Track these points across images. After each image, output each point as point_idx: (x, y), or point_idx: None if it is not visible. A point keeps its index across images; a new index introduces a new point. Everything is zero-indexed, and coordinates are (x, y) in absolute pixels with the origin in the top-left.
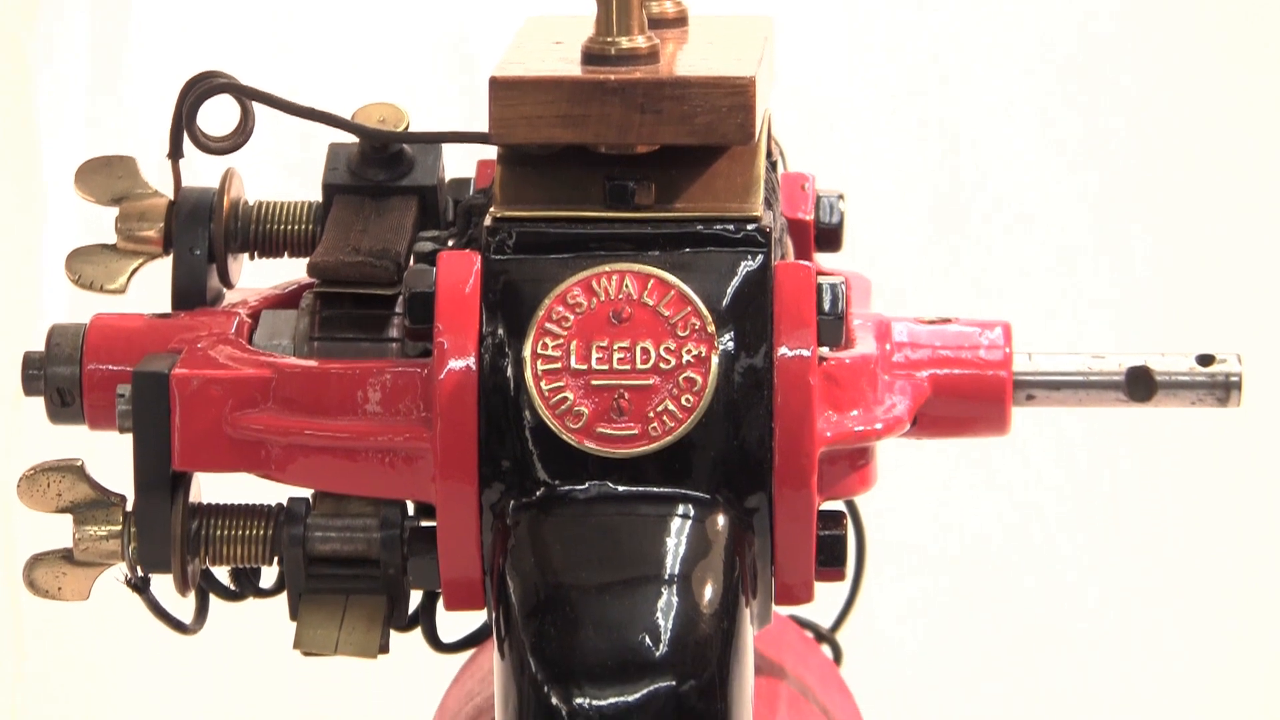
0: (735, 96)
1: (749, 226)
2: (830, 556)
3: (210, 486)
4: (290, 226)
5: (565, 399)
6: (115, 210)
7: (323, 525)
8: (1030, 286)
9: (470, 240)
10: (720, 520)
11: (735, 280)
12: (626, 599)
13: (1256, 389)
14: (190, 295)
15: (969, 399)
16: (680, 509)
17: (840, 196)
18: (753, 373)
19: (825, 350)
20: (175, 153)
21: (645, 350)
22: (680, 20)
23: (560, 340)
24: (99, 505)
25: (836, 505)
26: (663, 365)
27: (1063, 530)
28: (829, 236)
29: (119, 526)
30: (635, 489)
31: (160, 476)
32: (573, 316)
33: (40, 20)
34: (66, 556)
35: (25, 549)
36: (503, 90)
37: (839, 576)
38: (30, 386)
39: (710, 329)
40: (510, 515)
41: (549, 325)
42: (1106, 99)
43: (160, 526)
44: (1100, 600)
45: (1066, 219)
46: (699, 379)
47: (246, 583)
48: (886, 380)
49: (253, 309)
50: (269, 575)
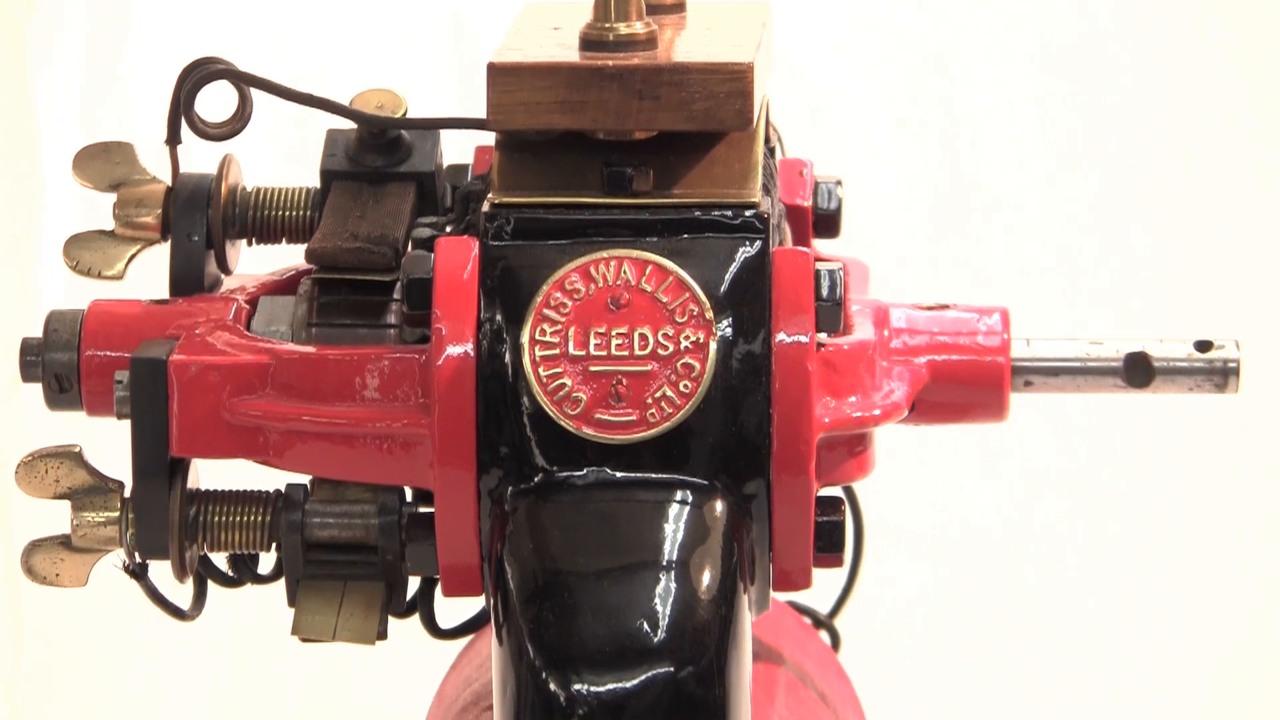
0: (733, 82)
1: (747, 212)
2: (828, 542)
3: (208, 473)
4: (288, 212)
5: (563, 385)
6: (113, 196)
7: (321, 511)
8: (1029, 273)
9: (468, 226)
10: (718, 506)
11: (733, 266)
12: (625, 585)
13: (1254, 375)
14: (188, 281)
15: (967, 385)
16: (678, 495)
17: (838, 182)
18: (751, 359)
19: (823, 336)
20: (173, 139)
21: (643, 336)
22: (678, 6)
23: (558, 326)
24: (97, 491)
25: (834, 491)
26: (661, 351)
27: (1061, 516)
28: (827, 222)
29: (117, 513)
30: (633, 475)
31: (158, 462)
32: (571, 303)
33: (39, 6)
34: (64, 543)
35: (23, 535)
36: (501, 76)
37: (837, 562)
38: (28, 373)
39: (708, 315)
40: (508, 501)
41: (547, 311)
42: (1106, 86)
43: (158, 512)
44: (1098, 586)
45: (1065, 206)
46: (697, 365)
47: (244, 569)
48: (885, 366)
49: (250, 295)
50: (267, 561)
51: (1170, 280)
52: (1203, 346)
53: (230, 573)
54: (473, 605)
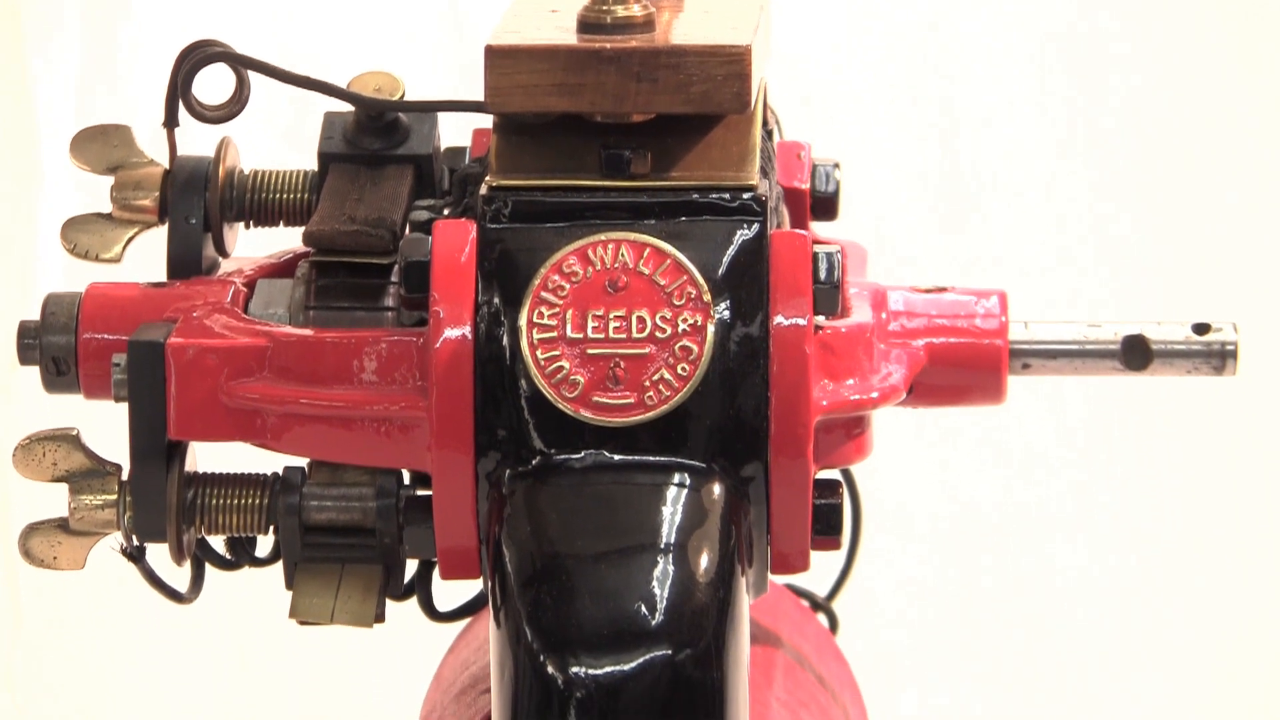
0: (731, 65)
1: (745, 195)
2: (826, 525)
3: (206, 456)
4: (286, 195)
5: (561, 368)
6: (110, 179)
7: (318, 494)
8: (1027, 257)
9: (466, 209)
10: (716, 489)
11: (731, 249)
12: (622, 568)
13: (1252, 358)
14: (186, 264)
15: (965, 367)
16: (676, 478)
17: (836, 165)
18: (748, 341)
19: (821, 319)
20: (171, 121)
21: (641, 319)
22: None
23: (556, 309)
24: (94, 474)
25: (832, 474)
26: (659, 334)
27: (1059, 499)
28: (825, 205)
29: (114, 496)
30: (631, 458)
31: (156, 446)
32: (568, 285)
33: None
34: (62, 526)
35: (21, 518)
36: (498, 59)
37: (835, 545)
38: (25, 355)
39: (706, 298)
40: (506, 484)
41: (545, 294)
42: (1104, 71)
43: (156, 496)
44: (1096, 569)
45: (1064, 190)
46: (695, 348)
47: (242, 552)
48: (882, 349)
49: (248, 278)
50: (264, 544)
51: (1168, 264)
52: (1201, 329)
53: (228, 556)
54: (470, 588)
